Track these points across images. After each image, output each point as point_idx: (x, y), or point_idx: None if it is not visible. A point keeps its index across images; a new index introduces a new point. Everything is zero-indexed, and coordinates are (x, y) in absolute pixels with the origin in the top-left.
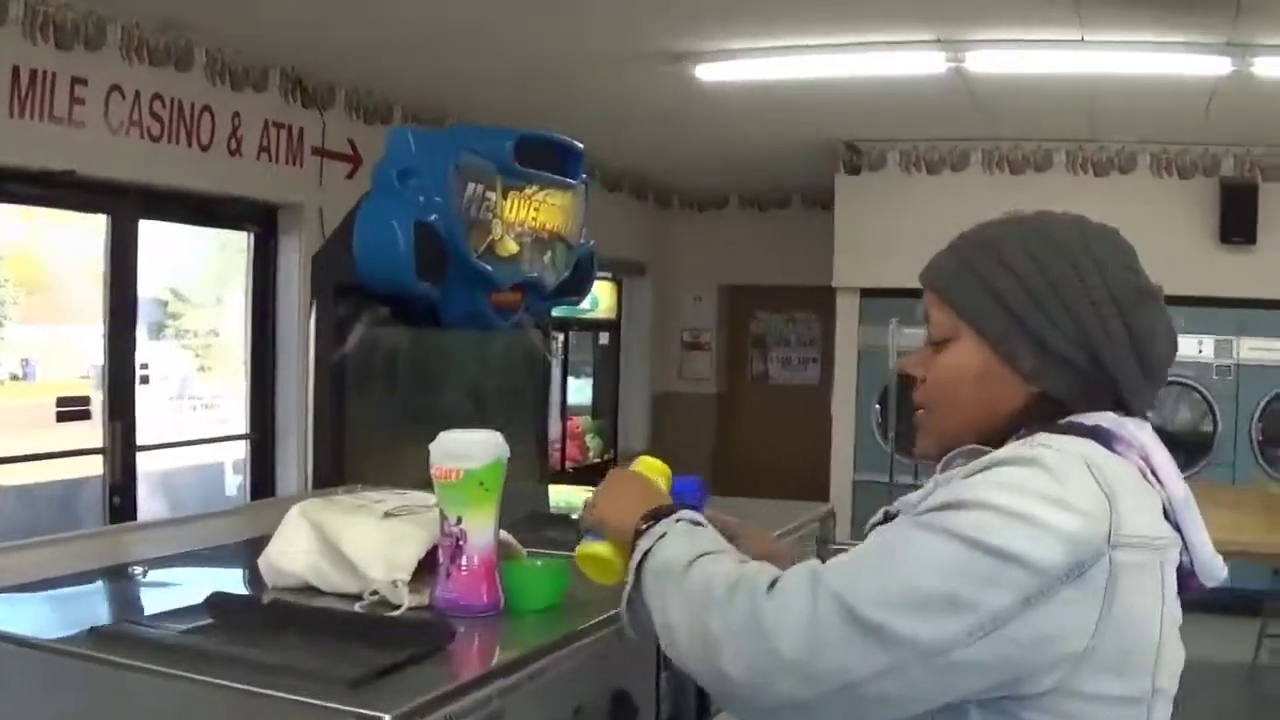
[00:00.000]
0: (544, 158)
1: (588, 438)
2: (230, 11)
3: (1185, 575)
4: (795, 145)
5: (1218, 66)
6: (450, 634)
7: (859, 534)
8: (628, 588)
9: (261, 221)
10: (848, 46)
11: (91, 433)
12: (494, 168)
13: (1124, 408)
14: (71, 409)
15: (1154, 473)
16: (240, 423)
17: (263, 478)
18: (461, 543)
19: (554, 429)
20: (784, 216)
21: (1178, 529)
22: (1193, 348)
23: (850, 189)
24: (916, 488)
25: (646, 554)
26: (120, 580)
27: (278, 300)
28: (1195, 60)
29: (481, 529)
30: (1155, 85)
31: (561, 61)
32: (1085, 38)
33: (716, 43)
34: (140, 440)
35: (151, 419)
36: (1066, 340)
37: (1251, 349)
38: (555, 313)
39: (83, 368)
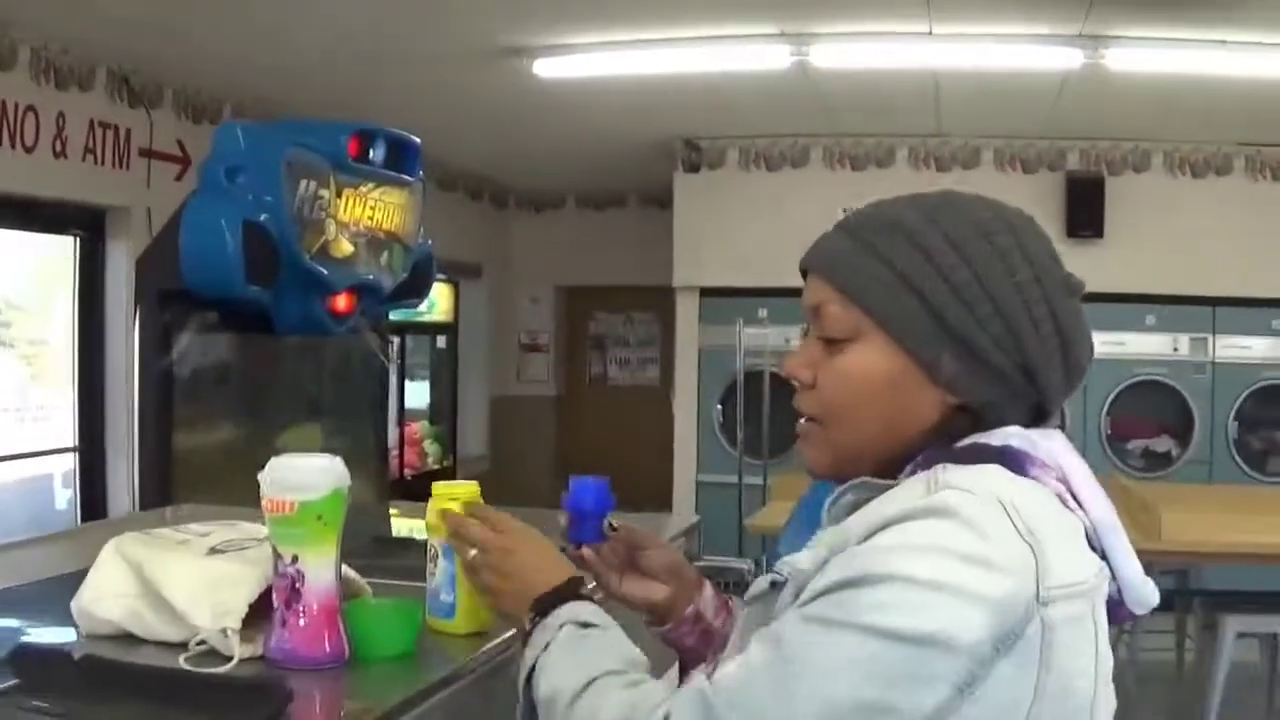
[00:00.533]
0: (380, 154)
1: (426, 443)
2: (54, 9)
3: (1114, 605)
4: (634, 143)
5: (1069, 59)
6: (287, 696)
7: (712, 537)
8: (519, 709)
9: (88, 225)
10: (689, 40)
11: None
12: (327, 164)
13: (1041, 418)
14: None
15: (1073, 495)
16: (68, 435)
17: (93, 493)
18: (298, 585)
19: (393, 436)
20: (622, 216)
21: (1103, 555)
22: None
23: (689, 187)
24: (761, 489)
25: (533, 669)
26: None
27: (106, 307)
28: (1047, 52)
29: (321, 569)
30: (1004, 79)
31: (397, 56)
32: (934, 30)
33: (555, 37)
34: None
35: None
36: (995, 343)
37: (1101, 344)
38: (391, 316)
39: None
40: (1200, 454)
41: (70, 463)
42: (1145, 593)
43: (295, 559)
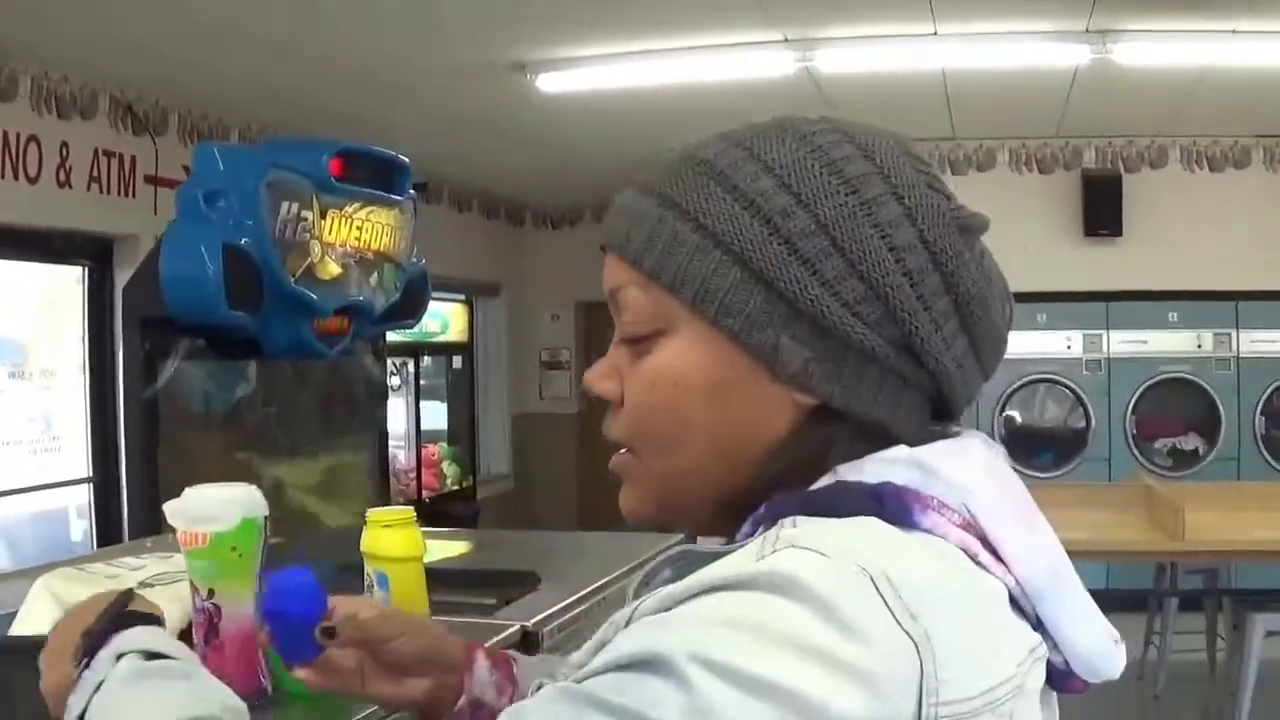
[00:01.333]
0: (365, 173)
1: (444, 465)
2: (54, 37)
3: (1060, 675)
4: (646, 155)
5: (1077, 55)
6: None
7: None
8: None
9: (95, 255)
10: (691, 50)
11: None
12: (310, 185)
13: (943, 412)
14: None
15: (987, 545)
16: (83, 466)
17: (108, 524)
18: (215, 620)
19: (409, 458)
20: None
21: (1038, 621)
22: (1060, 343)
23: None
24: None
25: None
26: None
27: (115, 336)
28: (1054, 49)
29: (237, 602)
30: (1014, 78)
31: (402, 75)
32: (939, 30)
33: (556, 51)
34: None
35: None
36: (853, 312)
37: (1122, 342)
38: (403, 337)
39: None
40: (1228, 450)
41: (85, 494)
42: (1103, 663)
43: (211, 593)
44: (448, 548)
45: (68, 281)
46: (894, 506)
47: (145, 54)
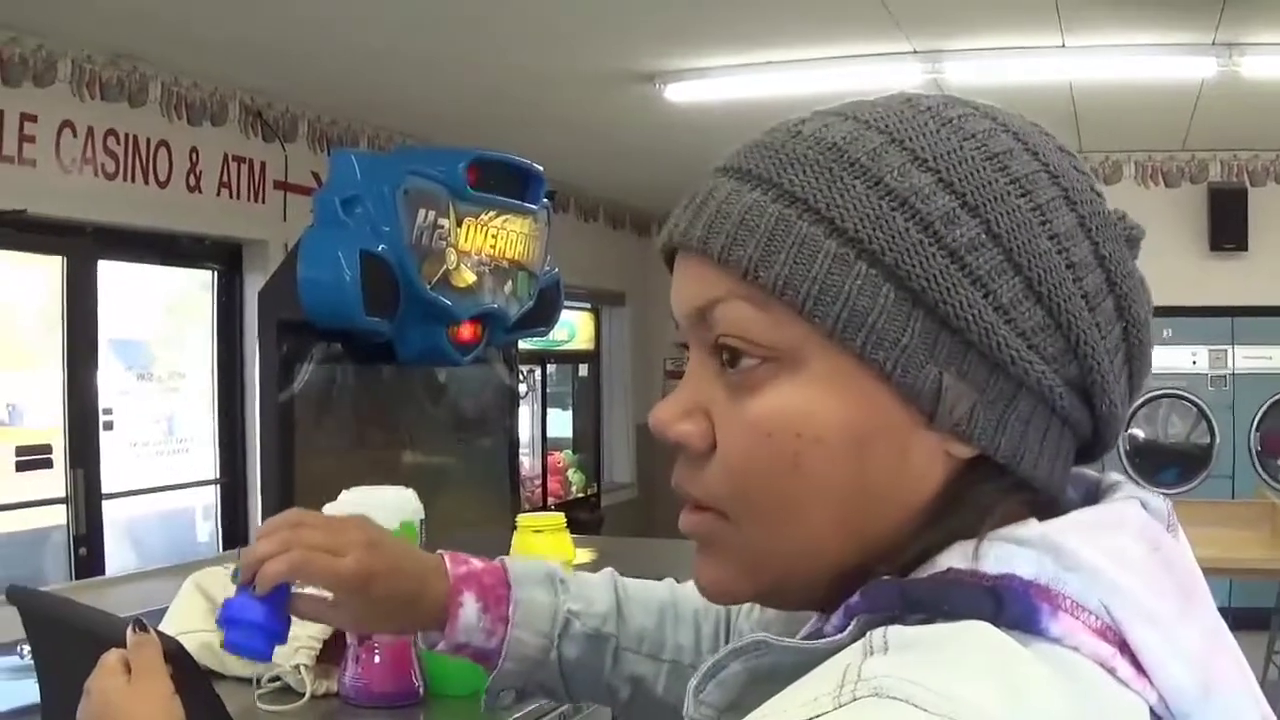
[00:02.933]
0: (500, 182)
1: (569, 472)
2: (185, 43)
3: None
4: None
5: (1203, 68)
6: None
7: None
8: None
9: (225, 259)
10: (820, 61)
11: (54, 481)
12: (446, 193)
13: (1086, 454)
14: (32, 458)
15: (1126, 650)
16: (210, 468)
17: (235, 525)
18: None
19: (535, 465)
20: None
21: None
22: (1185, 358)
23: None
24: None
25: None
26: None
27: (244, 340)
28: (1180, 62)
29: None
30: (1140, 90)
31: (530, 86)
32: (1066, 43)
33: (685, 62)
34: (109, 487)
35: (120, 465)
36: (1034, 348)
37: (1247, 357)
38: (531, 345)
39: (52, 414)
40: None
41: (212, 495)
42: None
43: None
44: (579, 554)
45: (194, 286)
46: (1016, 609)
47: (275, 61)
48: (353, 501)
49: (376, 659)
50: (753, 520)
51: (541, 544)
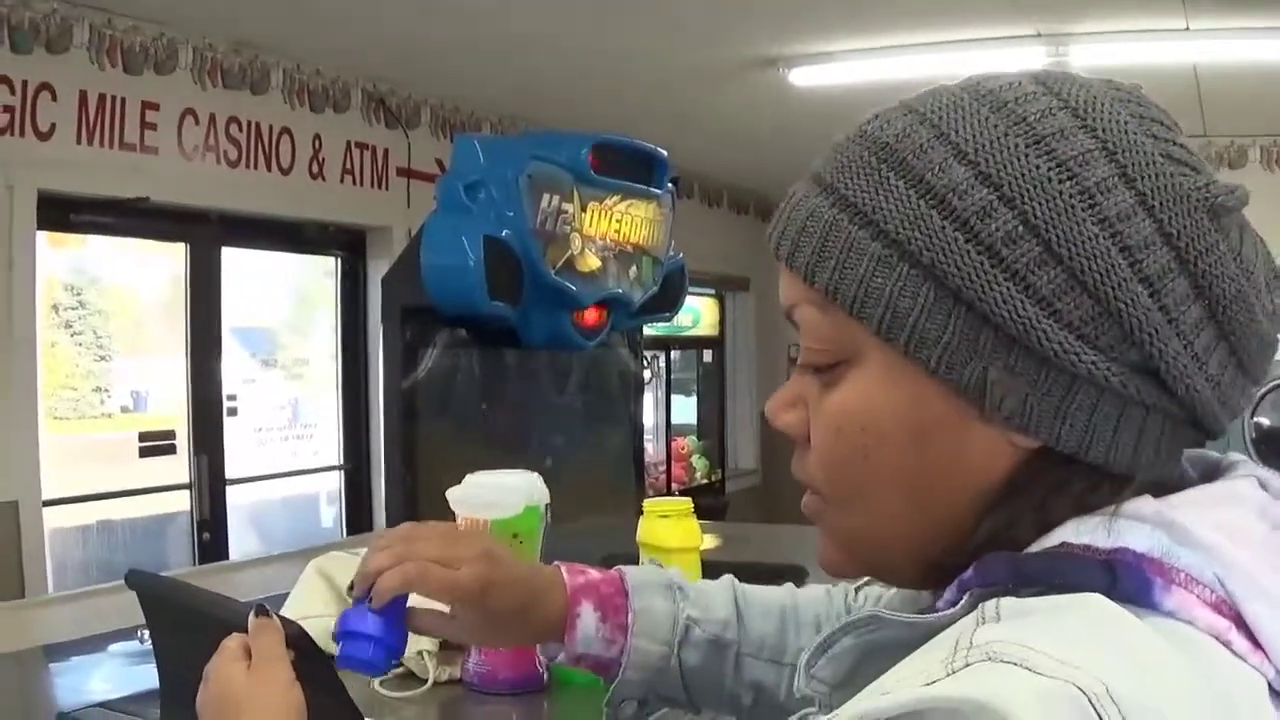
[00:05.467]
0: (624, 166)
1: (694, 459)
2: (306, 30)
3: None
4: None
5: None
6: None
7: None
8: None
9: (348, 246)
10: (944, 45)
11: (178, 467)
12: (570, 177)
13: (1199, 432)
14: (156, 443)
15: (1242, 625)
16: (334, 453)
17: (359, 509)
18: None
19: (659, 451)
20: None
21: None
22: None
23: None
24: None
25: None
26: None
27: (368, 326)
28: None
29: None
30: (1265, 73)
31: (652, 70)
32: (1190, 26)
33: (808, 46)
34: (232, 473)
35: (244, 451)
36: (1079, 335)
37: None
38: (656, 331)
39: (175, 401)
40: None
41: (336, 480)
42: None
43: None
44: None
45: (318, 272)
46: (1130, 582)
47: (397, 48)
48: (478, 484)
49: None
50: (839, 504)
51: (668, 529)
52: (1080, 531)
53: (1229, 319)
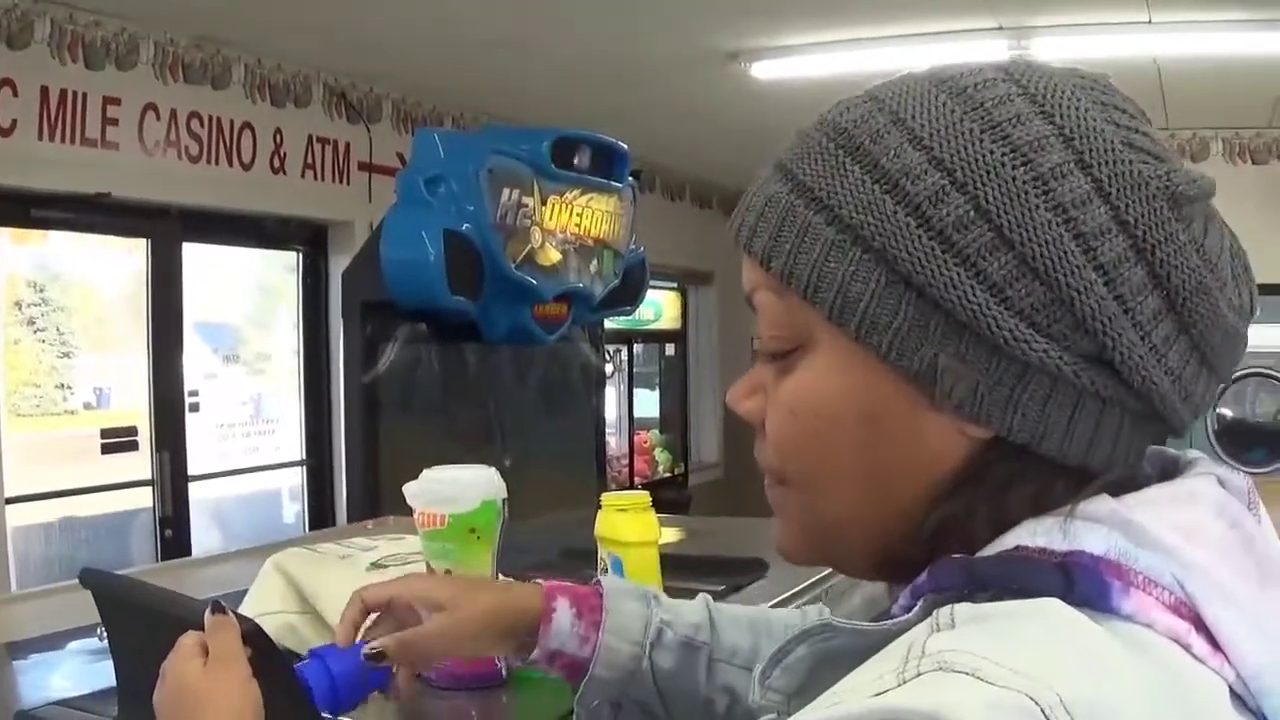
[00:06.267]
0: (585, 160)
1: (656, 452)
2: (268, 25)
3: None
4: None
5: None
6: None
7: None
8: None
9: (310, 240)
10: (906, 38)
11: (140, 464)
12: (530, 171)
13: (1164, 433)
14: (118, 440)
15: (1202, 628)
16: (296, 449)
17: (321, 505)
18: None
19: (621, 445)
20: None
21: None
22: (1275, 337)
23: None
24: None
25: None
26: (87, 642)
27: (330, 321)
28: (1267, 37)
29: None
30: (1228, 67)
31: (614, 64)
32: (1153, 19)
33: (770, 39)
34: (194, 469)
35: (206, 447)
36: (1030, 323)
37: None
38: (618, 324)
39: (138, 397)
40: None
41: (298, 476)
42: None
43: (448, 574)
44: (666, 534)
45: (279, 267)
46: (1087, 586)
47: (358, 43)
48: (435, 479)
49: None
50: (796, 489)
51: (626, 523)
52: (1036, 533)
53: (1189, 311)
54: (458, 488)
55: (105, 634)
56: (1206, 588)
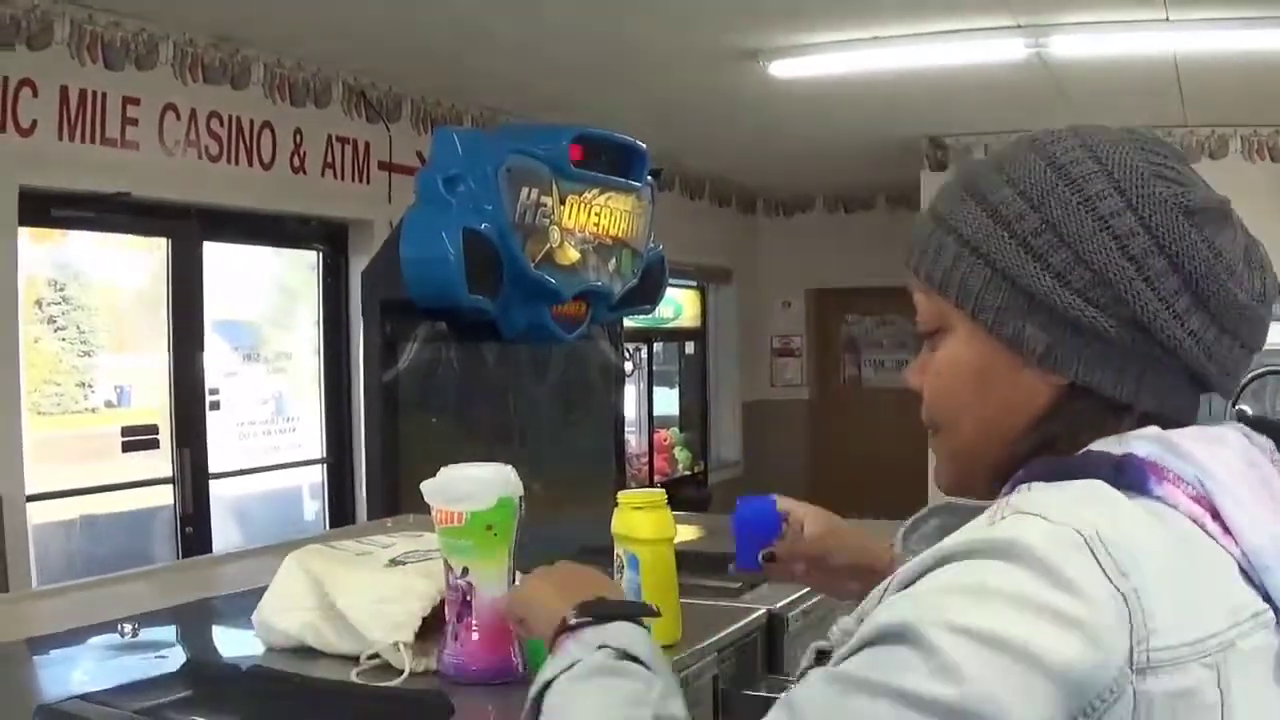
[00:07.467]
0: (604, 159)
1: (676, 450)
2: (287, 25)
3: None
4: (879, 143)
5: None
6: (447, 711)
7: None
8: (525, 713)
9: (330, 240)
10: (924, 36)
11: (160, 462)
12: (548, 170)
13: (1203, 387)
14: (137, 438)
15: (1218, 518)
16: (316, 447)
17: (341, 503)
18: (469, 597)
19: (641, 443)
20: (871, 217)
21: (1268, 597)
22: None
23: (937, 187)
24: None
25: (548, 685)
26: (108, 638)
27: (350, 320)
28: None
29: (492, 581)
30: (1247, 64)
31: (632, 62)
32: (1171, 16)
33: (788, 38)
34: (216, 467)
35: (227, 445)
36: (1084, 298)
37: None
38: (637, 323)
39: (158, 395)
40: None
41: (319, 474)
42: None
43: (465, 571)
44: (684, 532)
45: (300, 266)
46: (1132, 475)
47: (377, 42)
48: (452, 477)
49: (475, 637)
50: (943, 433)
51: (641, 521)
52: (1100, 444)
53: (1202, 290)
54: (475, 485)
55: (129, 629)
56: (1221, 490)
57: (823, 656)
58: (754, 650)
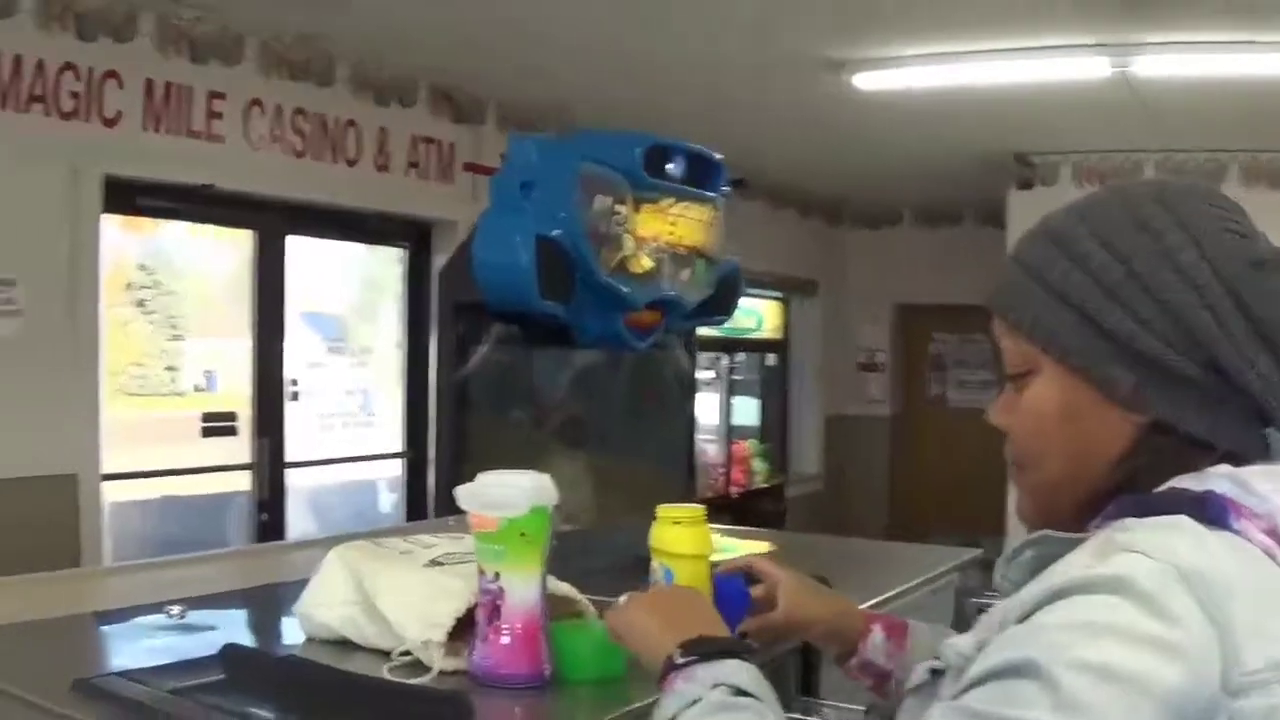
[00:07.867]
0: (680, 168)
1: (754, 461)
2: (373, 24)
3: None
4: (965, 159)
5: None
6: (468, 712)
7: None
8: None
9: (414, 237)
10: (1007, 52)
11: (238, 448)
12: (624, 179)
13: (1265, 423)
14: (217, 424)
15: None
16: (397, 440)
17: (417, 497)
18: (499, 602)
19: (720, 452)
20: (959, 233)
21: None
22: None
23: (1024, 205)
24: None
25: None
26: (156, 619)
27: (432, 318)
28: None
29: (523, 587)
30: None
31: (717, 74)
32: (1258, 39)
33: (871, 50)
34: (294, 456)
35: (306, 435)
36: (1167, 342)
37: None
38: (718, 333)
39: (241, 382)
40: None
41: (396, 468)
42: None
43: (497, 576)
44: (748, 546)
45: (387, 262)
46: (1214, 511)
47: (464, 44)
48: (487, 483)
49: (505, 640)
50: (1027, 467)
51: (678, 536)
52: (1181, 481)
53: (1267, 333)
54: (509, 492)
55: (175, 609)
56: None
57: (935, 674)
58: (788, 672)
